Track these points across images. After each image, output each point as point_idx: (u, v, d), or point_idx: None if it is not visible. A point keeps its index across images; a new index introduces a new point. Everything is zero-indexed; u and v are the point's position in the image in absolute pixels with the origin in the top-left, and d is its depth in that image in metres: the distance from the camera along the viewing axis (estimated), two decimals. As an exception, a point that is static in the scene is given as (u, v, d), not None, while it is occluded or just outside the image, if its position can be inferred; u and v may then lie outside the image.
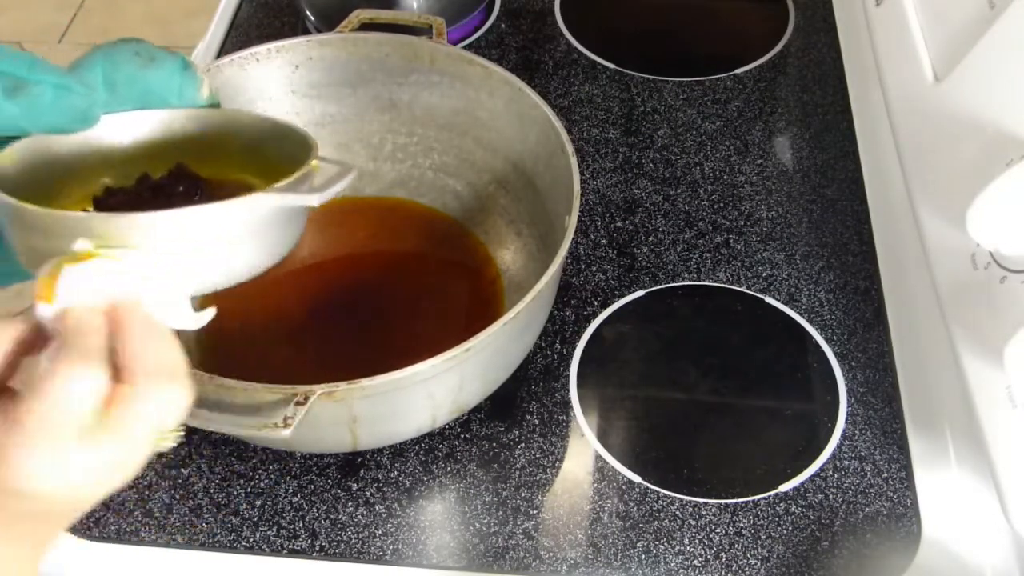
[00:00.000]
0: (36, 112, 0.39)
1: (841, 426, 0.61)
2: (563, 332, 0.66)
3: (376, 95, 0.69)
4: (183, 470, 0.59)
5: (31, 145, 0.42)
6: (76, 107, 0.40)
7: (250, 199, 0.40)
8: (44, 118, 0.40)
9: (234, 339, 0.64)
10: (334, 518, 0.57)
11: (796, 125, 0.80)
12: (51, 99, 0.39)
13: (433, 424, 0.58)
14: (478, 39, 0.86)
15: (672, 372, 0.64)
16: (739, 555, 0.56)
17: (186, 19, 2.01)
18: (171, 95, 0.45)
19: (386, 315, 0.66)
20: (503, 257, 0.68)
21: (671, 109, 0.81)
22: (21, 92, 0.38)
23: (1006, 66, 0.49)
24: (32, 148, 0.42)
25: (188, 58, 0.46)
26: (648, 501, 0.58)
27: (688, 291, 0.68)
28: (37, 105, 0.39)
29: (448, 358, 0.50)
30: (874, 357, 0.65)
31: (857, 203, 0.74)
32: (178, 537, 0.57)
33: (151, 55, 0.44)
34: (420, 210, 0.72)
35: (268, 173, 0.47)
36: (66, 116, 0.40)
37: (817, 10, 0.90)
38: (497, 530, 0.57)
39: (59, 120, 0.40)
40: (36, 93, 0.39)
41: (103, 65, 0.43)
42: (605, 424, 0.62)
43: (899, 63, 0.60)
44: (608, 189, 0.75)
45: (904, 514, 0.58)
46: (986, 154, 0.48)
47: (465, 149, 0.70)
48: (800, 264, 0.70)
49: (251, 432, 0.48)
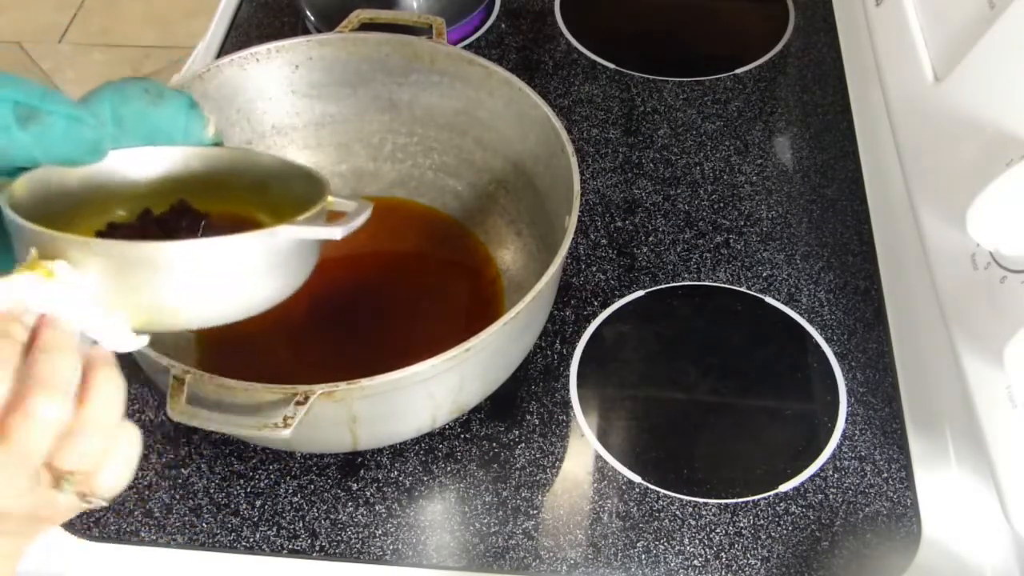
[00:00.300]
0: (48, 142, 0.40)
1: (841, 426, 0.61)
2: (563, 332, 0.66)
3: (376, 95, 0.69)
4: (183, 470, 0.59)
5: (42, 176, 0.42)
6: (87, 139, 0.41)
7: (272, 231, 0.40)
8: (56, 148, 0.40)
9: (234, 339, 0.64)
10: (334, 518, 0.57)
11: (796, 125, 0.80)
12: (63, 129, 0.40)
13: (433, 424, 0.58)
14: (478, 39, 0.86)
15: (672, 372, 0.64)
16: (739, 555, 0.56)
17: (186, 19, 2.01)
18: (177, 132, 0.46)
19: (386, 315, 0.66)
20: (503, 257, 0.68)
21: (671, 109, 0.81)
22: (34, 121, 0.39)
23: (1006, 66, 0.49)
24: (42, 179, 0.42)
25: (194, 98, 0.47)
26: (648, 501, 0.58)
27: (688, 291, 0.68)
28: (49, 135, 0.39)
29: (448, 358, 0.50)
30: (874, 357, 0.65)
31: (857, 203, 0.74)
32: (178, 537, 0.57)
33: (159, 92, 0.45)
34: (420, 210, 0.72)
35: (275, 211, 0.47)
36: (77, 147, 0.41)
37: (817, 10, 0.90)
38: (497, 530, 0.57)
39: (70, 151, 0.41)
40: (49, 123, 0.39)
41: (112, 100, 0.43)
42: (605, 424, 0.62)
43: (899, 63, 0.60)
44: (608, 189, 0.75)
45: (904, 514, 0.58)
46: (986, 154, 0.48)
47: (465, 149, 0.70)
48: (800, 264, 0.70)
49: (251, 432, 0.48)
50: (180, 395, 0.47)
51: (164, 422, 0.61)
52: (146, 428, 0.61)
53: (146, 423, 0.61)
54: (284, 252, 0.41)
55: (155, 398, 0.62)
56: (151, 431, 0.61)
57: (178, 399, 0.47)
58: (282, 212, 0.45)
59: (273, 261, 0.41)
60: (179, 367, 0.48)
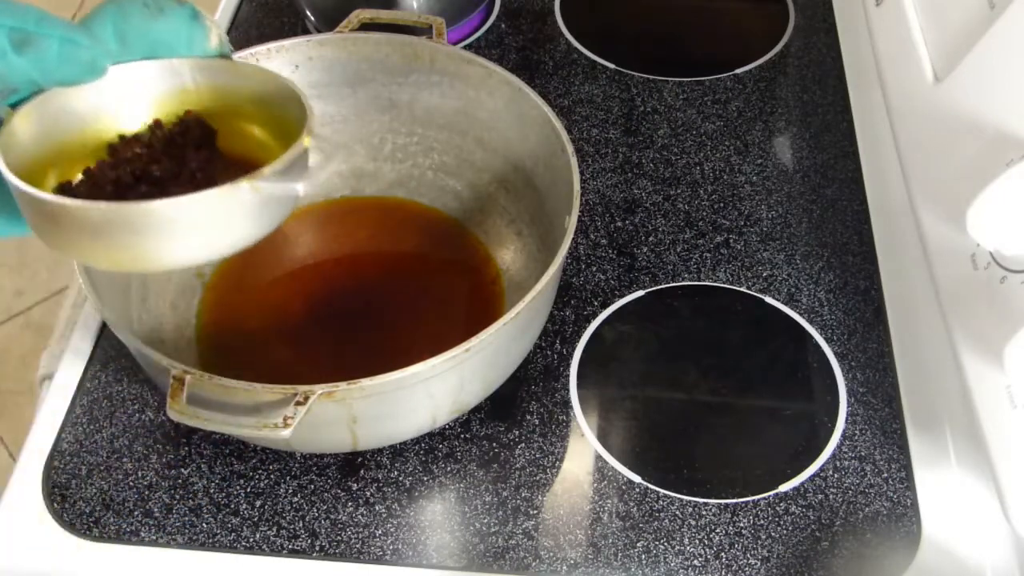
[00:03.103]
0: (44, 65, 0.41)
1: (841, 426, 0.61)
2: (563, 332, 0.66)
3: (376, 95, 0.69)
4: (183, 470, 0.59)
5: (47, 100, 0.44)
6: (83, 59, 0.42)
7: (234, 187, 0.41)
8: (53, 71, 0.41)
9: (234, 339, 0.64)
10: (334, 518, 0.57)
11: (796, 125, 0.80)
12: (58, 52, 0.41)
13: (433, 424, 0.58)
14: (478, 39, 0.86)
15: (672, 372, 0.64)
16: (739, 555, 0.56)
17: (186, 19, 2.00)
18: (180, 45, 0.47)
19: (386, 315, 0.66)
20: (503, 257, 0.68)
21: (671, 109, 0.81)
22: (29, 46, 0.40)
23: (1006, 66, 0.49)
24: (47, 104, 0.44)
25: (197, 8, 0.47)
26: (648, 501, 0.58)
27: (688, 291, 0.68)
28: (45, 58, 0.41)
29: (448, 358, 0.50)
30: (874, 357, 0.65)
31: (857, 203, 0.74)
32: (178, 537, 0.57)
33: (160, 6, 0.45)
34: (420, 210, 0.72)
35: (274, 126, 0.48)
36: (74, 68, 0.42)
37: (817, 10, 0.90)
38: (497, 530, 0.57)
39: (68, 72, 0.42)
40: (44, 47, 0.40)
41: (113, 17, 0.44)
42: (605, 424, 0.62)
43: (899, 63, 0.60)
44: (608, 189, 0.75)
45: (904, 514, 0.58)
46: (986, 154, 0.48)
47: (465, 149, 0.70)
48: (800, 264, 0.70)
49: (251, 432, 0.48)
50: (180, 395, 0.47)
51: (164, 422, 0.61)
52: (146, 428, 0.61)
53: (146, 423, 0.61)
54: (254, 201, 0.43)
55: (155, 398, 0.62)
56: (151, 431, 0.61)
57: (178, 399, 0.47)
58: (280, 128, 0.47)
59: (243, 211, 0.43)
60: (179, 367, 0.48)
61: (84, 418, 0.62)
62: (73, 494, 0.58)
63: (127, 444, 0.60)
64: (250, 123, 0.49)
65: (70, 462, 0.60)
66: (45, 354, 0.67)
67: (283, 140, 0.46)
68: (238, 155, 0.48)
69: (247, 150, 0.48)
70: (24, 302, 1.60)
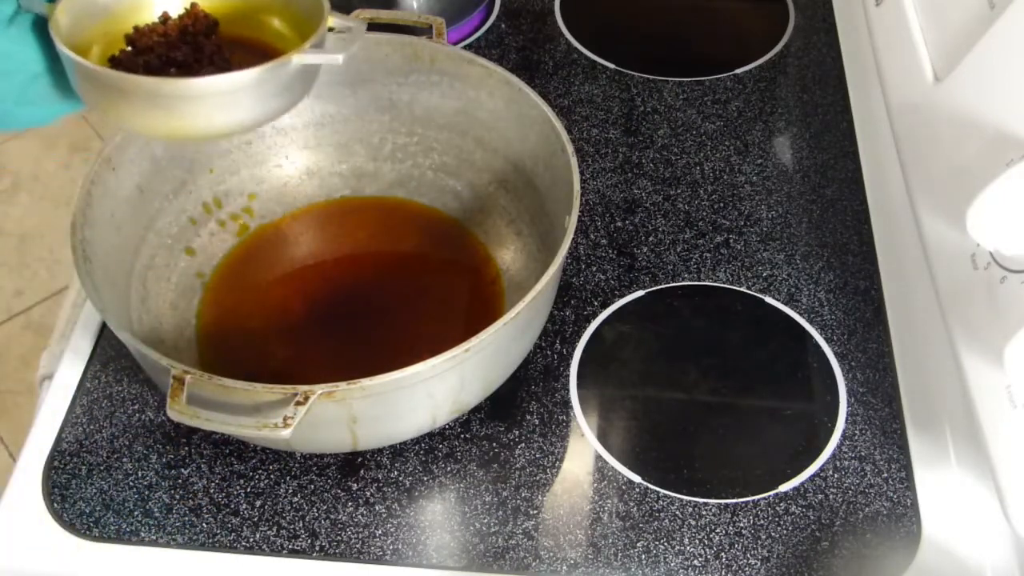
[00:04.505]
0: None
1: (841, 426, 0.61)
2: (563, 332, 0.66)
3: (376, 95, 0.69)
4: (183, 470, 0.59)
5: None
6: None
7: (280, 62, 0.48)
8: None
9: (234, 339, 0.64)
10: (334, 518, 0.57)
11: (796, 125, 0.80)
12: None
13: (433, 424, 0.58)
14: (478, 39, 0.86)
15: (672, 372, 0.64)
16: (739, 555, 0.56)
17: (186, 19, 2.00)
18: None
19: (386, 315, 0.66)
20: (503, 257, 0.68)
21: (671, 109, 0.81)
22: None
23: (1006, 66, 0.49)
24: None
25: None
26: (648, 501, 0.58)
27: (688, 291, 0.68)
28: None
29: (448, 358, 0.50)
30: (874, 357, 0.65)
31: (857, 203, 0.74)
32: (178, 537, 0.57)
33: None
34: (420, 210, 0.72)
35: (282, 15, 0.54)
36: None
37: (817, 10, 0.90)
38: (497, 530, 0.57)
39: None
40: None
41: None
42: (605, 424, 0.62)
43: (899, 63, 0.60)
44: (608, 189, 0.75)
45: (904, 514, 0.58)
46: (986, 154, 0.48)
47: (465, 149, 0.70)
48: (800, 264, 0.70)
49: (251, 432, 0.48)
50: (180, 395, 0.47)
51: (164, 422, 0.61)
52: (146, 428, 0.61)
53: (146, 423, 0.61)
54: (290, 76, 0.49)
55: (155, 398, 0.62)
56: (151, 431, 0.61)
57: (178, 399, 0.47)
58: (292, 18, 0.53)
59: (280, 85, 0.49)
60: (179, 367, 0.48)
61: (84, 418, 0.62)
62: (73, 494, 0.58)
63: (127, 444, 0.60)
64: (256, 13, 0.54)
65: (70, 462, 0.60)
66: (45, 354, 0.67)
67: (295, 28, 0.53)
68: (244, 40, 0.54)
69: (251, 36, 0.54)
70: (24, 302, 1.60)
